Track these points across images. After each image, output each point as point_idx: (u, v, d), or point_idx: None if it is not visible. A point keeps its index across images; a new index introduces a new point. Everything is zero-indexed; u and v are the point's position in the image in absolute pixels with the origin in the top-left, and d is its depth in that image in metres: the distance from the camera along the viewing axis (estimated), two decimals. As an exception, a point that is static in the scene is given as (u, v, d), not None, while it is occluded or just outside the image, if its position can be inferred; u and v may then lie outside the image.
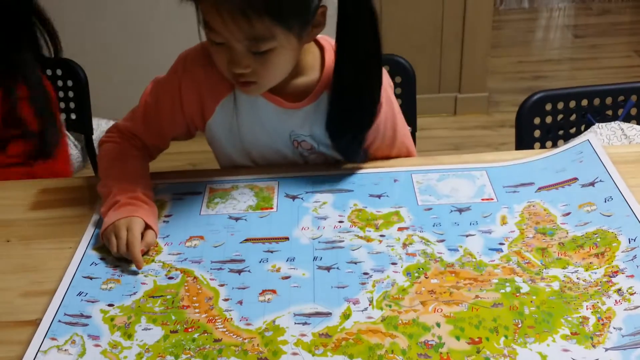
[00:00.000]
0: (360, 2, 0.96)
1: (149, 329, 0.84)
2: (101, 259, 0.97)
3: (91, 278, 0.93)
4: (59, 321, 0.85)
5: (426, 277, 0.90)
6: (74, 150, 1.65)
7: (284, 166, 1.17)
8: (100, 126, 1.76)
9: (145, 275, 0.93)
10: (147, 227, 0.99)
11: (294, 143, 1.14)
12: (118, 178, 1.05)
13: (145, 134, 1.14)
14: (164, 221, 1.04)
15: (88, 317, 0.86)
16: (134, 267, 0.94)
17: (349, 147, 1.10)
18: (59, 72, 1.65)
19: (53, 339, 0.83)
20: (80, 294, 0.90)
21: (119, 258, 0.96)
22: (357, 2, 0.96)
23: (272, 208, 1.06)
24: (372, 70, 1.02)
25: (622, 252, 0.91)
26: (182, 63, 1.11)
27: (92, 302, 0.89)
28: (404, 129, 1.18)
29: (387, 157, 1.17)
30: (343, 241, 0.98)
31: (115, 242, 0.96)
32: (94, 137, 1.68)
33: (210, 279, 0.92)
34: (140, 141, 1.14)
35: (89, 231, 1.02)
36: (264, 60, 0.96)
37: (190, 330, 0.84)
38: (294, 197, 1.08)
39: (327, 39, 1.08)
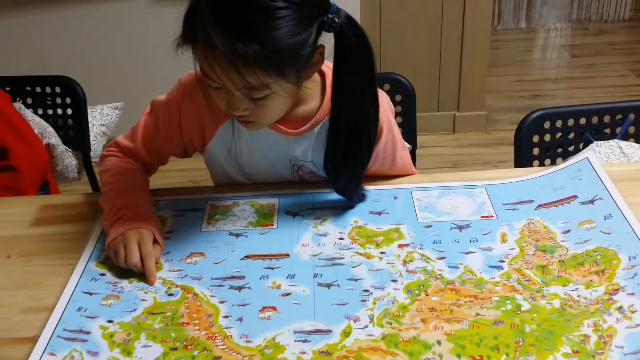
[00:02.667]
0: (356, 41, 0.95)
1: (149, 346, 0.84)
2: (101, 274, 0.97)
3: (91, 294, 0.93)
4: (58, 336, 0.85)
5: (427, 295, 0.90)
6: (72, 160, 1.65)
7: (285, 183, 1.17)
8: (103, 111, 1.77)
9: (145, 292, 0.93)
10: (155, 241, 0.99)
11: (294, 167, 1.15)
12: (121, 192, 1.06)
13: (144, 152, 1.14)
14: (165, 237, 1.04)
15: (87, 332, 0.86)
16: (134, 284, 0.94)
17: (348, 186, 1.08)
18: (57, 89, 1.65)
19: (52, 354, 0.83)
20: (79, 309, 0.90)
21: (120, 274, 0.96)
22: (353, 42, 0.94)
23: (272, 225, 1.06)
24: (368, 108, 1.01)
25: (623, 269, 0.91)
26: (182, 87, 1.10)
27: (92, 317, 0.89)
28: (403, 151, 1.18)
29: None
30: (343, 258, 0.98)
31: (123, 253, 0.96)
32: (97, 122, 1.70)
33: (211, 296, 0.92)
34: (139, 158, 1.15)
35: (90, 247, 1.02)
36: (262, 104, 0.95)
37: (190, 347, 0.84)
38: (294, 214, 1.08)
39: (328, 64, 1.06)
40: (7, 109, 1.48)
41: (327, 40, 0.97)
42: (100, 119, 1.78)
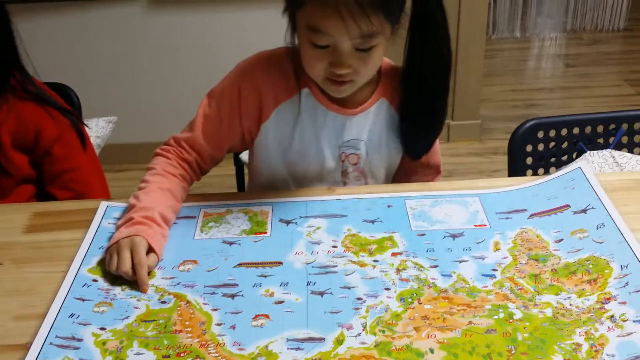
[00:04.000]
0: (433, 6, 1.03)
1: (141, 354, 0.84)
2: (93, 280, 0.97)
3: (83, 300, 0.93)
4: (51, 343, 0.85)
5: (419, 303, 0.90)
6: None
7: (279, 191, 1.18)
8: (98, 124, 1.77)
9: (137, 300, 0.93)
10: (150, 249, 0.99)
11: (342, 155, 1.17)
12: (147, 193, 1.07)
13: (203, 145, 1.16)
14: (158, 245, 1.04)
15: (80, 340, 0.86)
16: (127, 291, 0.94)
17: (425, 141, 1.19)
18: (52, 95, 1.65)
19: (44, 362, 0.82)
20: (72, 315, 0.90)
21: (112, 281, 0.96)
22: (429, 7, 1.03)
23: (266, 233, 1.06)
24: (449, 59, 1.09)
25: (615, 278, 0.91)
26: (240, 70, 1.15)
27: (84, 324, 0.88)
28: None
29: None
30: (337, 266, 0.98)
31: (115, 260, 0.96)
32: (94, 134, 1.69)
33: (203, 304, 0.92)
34: (196, 152, 1.16)
35: (82, 252, 1.02)
36: (366, 57, 1.01)
37: (182, 355, 0.83)
38: (288, 222, 1.08)
39: None
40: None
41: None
42: (96, 131, 1.78)
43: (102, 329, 0.88)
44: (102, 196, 1.12)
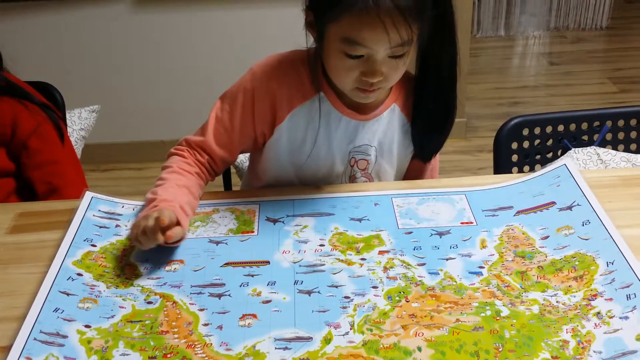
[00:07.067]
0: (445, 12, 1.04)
1: (127, 355, 0.83)
2: (78, 274, 0.95)
3: (68, 294, 0.91)
4: (35, 339, 0.83)
5: (407, 301, 0.90)
6: None
7: (266, 189, 1.17)
8: (81, 115, 1.75)
9: (123, 299, 0.92)
10: (177, 223, 0.99)
11: (351, 160, 1.18)
12: (165, 189, 1.06)
13: (215, 149, 1.15)
14: (144, 245, 1.03)
15: (64, 337, 0.85)
16: (112, 289, 0.93)
17: (435, 143, 1.20)
18: (36, 94, 1.63)
19: (28, 358, 0.81)
20: (56, 310, 0.88)
21: (97, 276, 0.95)
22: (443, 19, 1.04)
23: (252, 232, 1.05)
24: (455, 62, 1.10)
25: (601, 275, 0.92)
26: (254, 74, 1.14)
27: (69, 320, 0.87)
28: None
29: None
30: (324, 265, 0.98)
31: (140, 225, 0.97)
32: (77, 127, 1.68)
33: (190, 304, 0.91)
34: (208, 155, 1.16)
35: (66, 243, 1.00)
36: (398, 64, 1.01)
37: (169, 356, 0.83)
38: (274, 221, 1.08)
39: None
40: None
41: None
42: (80, 124, 1.77)
43: (87, 326, 0.87)
44: (81, 192, 1.10)
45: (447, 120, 1.16)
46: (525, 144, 1.47)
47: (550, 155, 1.49)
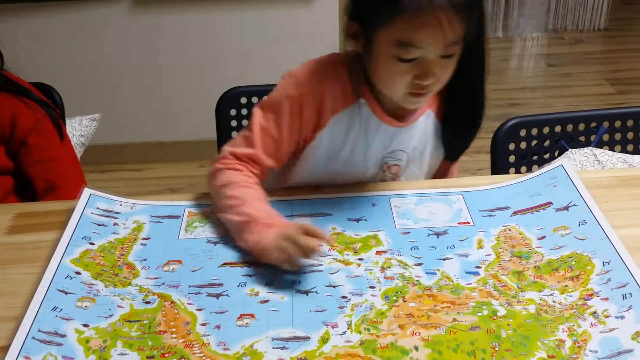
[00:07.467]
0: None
1: (125, 354, 0.83)
2: (76, 273, 0.96)
3: (66, 293, 0.92)
4: (33, 338, 0.83)
5: (404, 301, 0.91)
6: None
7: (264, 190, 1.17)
8: (82, 122, 1.76)
9: (121, 299, 0.92)
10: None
11: (384, 166, 1.18)
12: (250, 205, 1.03)
13: (265, 160, 1.12)
14: (142, 244, 1.03)
15: (63, 336, 0.85)
16: (110, 288, 0.93)
17: (462, 143, 1.22)
18: (35, 95, 1.64)
19: (27, 357, 0.81)
20: (54, 309, 0.88)
21: (95, 275, 0.95)
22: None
23: (250, 232, 1.06)
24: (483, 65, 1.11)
25: (597, 275, 0.92)
26: (297, 81, 1.10)
27: (67, 319, 0.87)
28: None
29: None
30: (322, 265, 0.98)
31: (292, 245, 0.94)
32: (77, 133, 1.68)
33: (188, 304, 0.91)
34: (258, 166, 1.12)
35: (65, 240, 1.00)
36: (449, 63, 1.01)
37: (167, 355, 0.83)
38: (272, 221, 1.08)
39: None
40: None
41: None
42: (80, 130, 1.77)
43: (86, 325, 0.87)
44: (79, 189, 1.10)
45: (477, 119, 1.17)
46: (523, 145, 1.47)
47: (547, 156, 1.49)
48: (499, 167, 1.45)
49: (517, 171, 1.47)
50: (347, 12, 1.05)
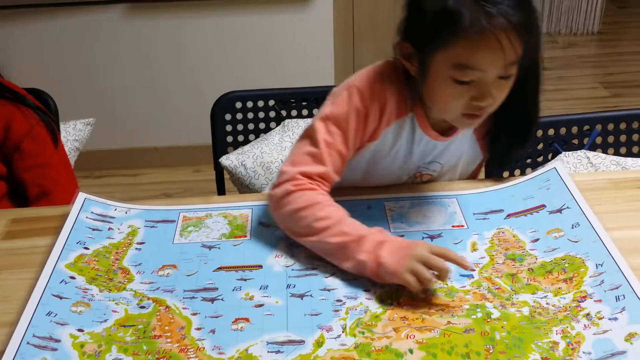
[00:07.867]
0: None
1: (120, 359, 0.83)
2: (71, 277, 0.95)
3: (61, 297, 0.91)
4: (28, 343, 0.83)
5: (399, 304, 0.91)
6: None
7: (258, 194, 1.17)
8: (76, 127, 1.75)
9: (116, 303, 0.92)
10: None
11: (417, 174, 1.18)
12: (346, 224, 0.99)
13: (334, 176, 1.08)
14: (137, 249, 1.03)
15: (57, 341, 0.85)
16: (104, 293, 0.93)
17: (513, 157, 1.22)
18: (29, 101, 1.63)
19: (21, 364, 0.81)
20: (49, 314, 0.88)
21: (90, 280, 0.95)
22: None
23: (245, 236, 1.06)
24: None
25: (590, 277, 0.93)
26: (360, 94, 1.07)
27: (62, 324, 0.87)
28: None
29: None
30: (316, 269, 0.98)
31: (424, 267, 0.91)
32: (71, 137, 1.68)
33: (183, 308, 0.91)
34: (327, 184, 1.07)
35: (59, 245, 1.00)
36: (505, 84, 1.00)
37: None
38: (267, 225, 1.08)
39: None
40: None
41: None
42: (74, 134, 1.77)
43: (80, 330, 0.87)
44: (72, 196, 1.11)
45: (530, 132, 1.15)
46: (517, 148, 1.48)
47: (540, 159, 1.50)
48: (492, 169, 1.45)
49: (511, 174, 1.47)
50: (400, 32, 1.02)
